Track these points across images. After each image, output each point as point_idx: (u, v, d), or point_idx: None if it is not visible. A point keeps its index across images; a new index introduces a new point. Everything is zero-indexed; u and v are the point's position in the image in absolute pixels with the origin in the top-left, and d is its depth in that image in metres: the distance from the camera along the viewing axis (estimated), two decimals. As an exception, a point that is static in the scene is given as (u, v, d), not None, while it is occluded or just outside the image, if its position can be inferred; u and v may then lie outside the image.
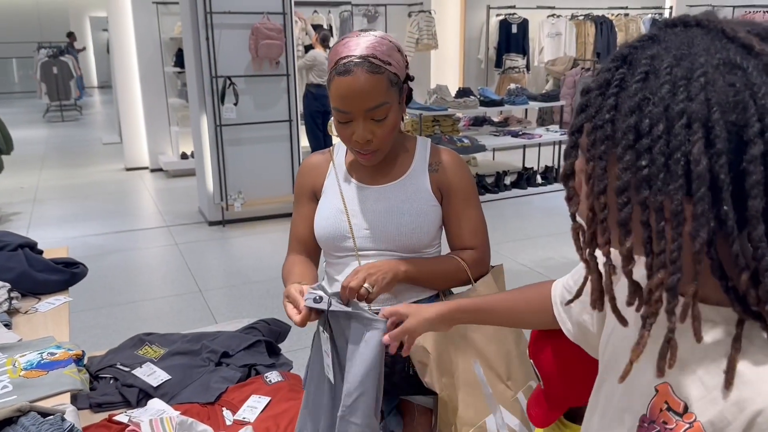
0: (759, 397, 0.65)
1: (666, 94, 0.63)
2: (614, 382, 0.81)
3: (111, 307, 4.12)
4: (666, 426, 0.72)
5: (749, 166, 0.60)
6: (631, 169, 0.65)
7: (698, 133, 0.61)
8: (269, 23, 5.41)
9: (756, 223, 0.62)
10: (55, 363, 1.63)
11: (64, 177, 8.03)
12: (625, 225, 0.67)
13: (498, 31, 9.08)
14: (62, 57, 13.73)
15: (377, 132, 1.37)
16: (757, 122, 0.60)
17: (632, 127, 0.65)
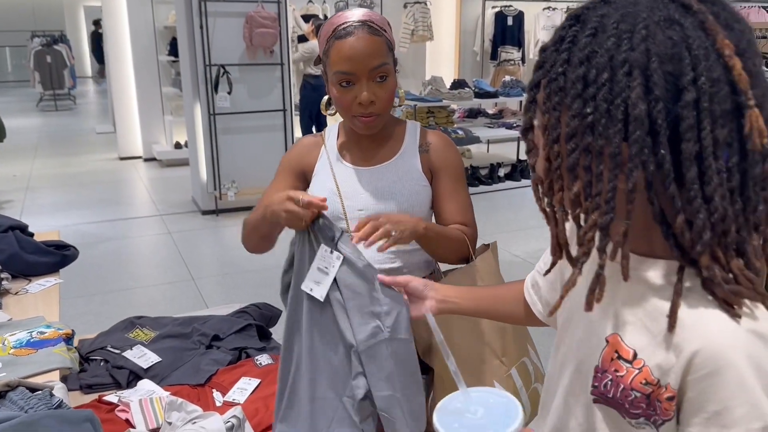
0: (696, 339, 0.70)
1: (611, 46, 0.68)
2: (571, 341, 0.87)
3: (103, 294, 4.12)
4: (617, 374, 0.77)
5: (683, 111, 0.66)
6: (578, 116, 0.70)
7: (637, 80, 0.67)
8: (264, 12, 5.39)
9: (689, 165, 0.67)
10: (44, 341, 1.63)
11: (58, 166, 8.00)
12: (573, 170, 0.72)
13: (493, 23, 9.07)
14: (56, 46, 13.66)
15: (379, 94, 1.39)
16: (691, 71, 0.66)
17: (580, 77, 0.70)
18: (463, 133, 6.52)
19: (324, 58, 1.42)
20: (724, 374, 0.68)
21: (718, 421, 0.69)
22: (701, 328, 0.71)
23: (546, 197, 0.78)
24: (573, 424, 0.86)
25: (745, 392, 0.68)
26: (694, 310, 0.72)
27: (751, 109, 0.67)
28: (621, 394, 0.76)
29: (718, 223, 0.69)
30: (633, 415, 0.76)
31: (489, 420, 0.75)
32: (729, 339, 0.69)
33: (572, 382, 0.86)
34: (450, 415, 0.76)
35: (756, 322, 0.70)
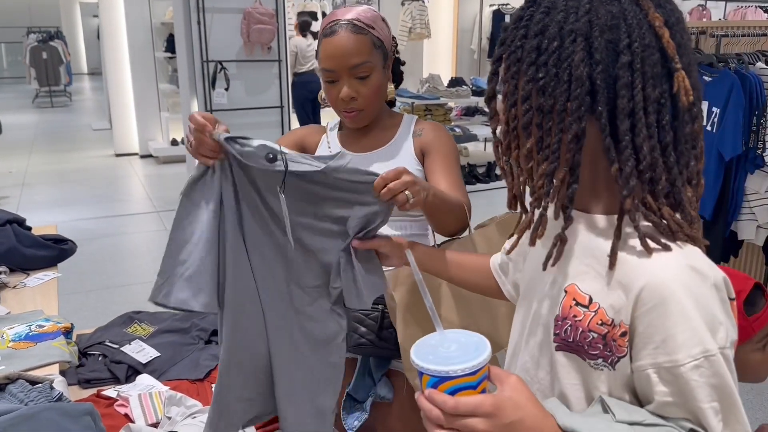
0: (641, 276, 0.78)
1: (560, 19, 0.80)
2: (531, 303, 0.96)
3: (100, 290, 4.10)
4: (576, 318, 0.84)
5: (619, 71, 0.78)
6: (532, 80, 0.82)
7: (580, 46, 0.78)
8: (261, 8, 5.37)
9: (622, 119, 0.78)
10: (43, 335, 1.62)
11: (54, 162, 7.97)
12: (527, 128, 0.84)
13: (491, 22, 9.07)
14: (52, 42, 13.61)
15: (361, 91, 1.42)
16: (626, 38, 0.78)
17: (534, 47, 0.81)
18: (461, 131, 6.52)
19: (317, 55, 1.46)
20: (667, 305, 0.76)
21: (664, 349, 0.77)
22: (645, 266, 0.79)
23: (504, 156, 0.88)
24: (542, 375, 0.92)
25: (687, 320, 0.75)
26: (638, 251, 0.80)
27: (678, 72, 0.78)
28: (580, 337, 0.84)
29: (646, 170, 0.79)
30: (591, 356, 0.83)
31: (460, 353, 0.81)
32: (670, 273, 0.77)
33: (539, 337, 0.93)
34: (426, 348, 0.83)
35: (689, 258, 0.79)
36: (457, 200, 1.40)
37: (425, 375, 0.80)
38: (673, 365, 0.76)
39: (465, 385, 0.78)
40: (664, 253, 0.79)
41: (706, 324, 0.76)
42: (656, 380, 0.78)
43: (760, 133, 2.91)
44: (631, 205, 0.80)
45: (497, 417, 0.75)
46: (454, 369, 0.77)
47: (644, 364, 0.78)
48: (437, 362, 0.79)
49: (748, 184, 3.01)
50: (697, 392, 0.76)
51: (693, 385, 0.75)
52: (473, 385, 0.78)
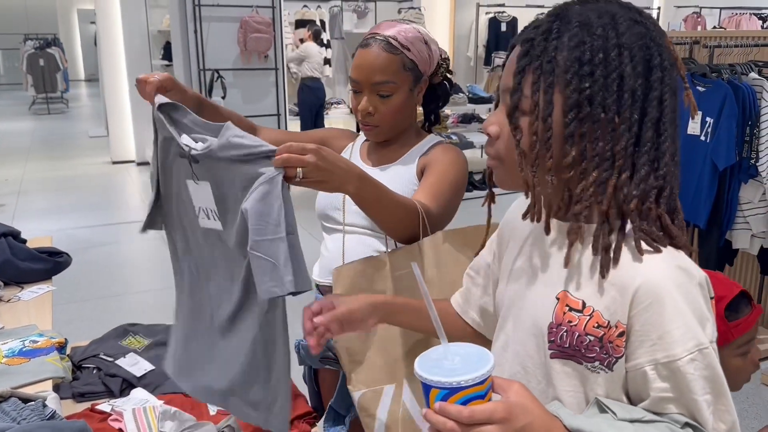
0: (637, 276, 0.82)
1: (601, 34, 0.84)
2: (517, 317, 0.97)
3: (95, 299, 4.09)
4: (571, 324, 0.87)
5: (654, 84, 0.84)
6: (577, 91, 0.83)
7: (627, 59, 0.83)
8: (258, 17, 5.39)
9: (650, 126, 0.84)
10: (37, 351, 1.62)
11: (50, 169, 7.97)
12: (570, 138, 0.85)
13: (487, 29, 9.10)
14: (49, 49, 13.61)
15: (380, 108, 1.42)
16: (658, 56, 0.84)
17: (576, 59, 0.83)
18: (457, 138, 6.54)
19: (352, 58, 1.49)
20: (662, 302, 0.80)
21: (661, 345, 0.81)
22: (639, 267, 0.83)
23: (532, 167, 0.87)
24: (533, 384, 0.93)
25: (681, 316, 0.80)
26: (632, 255, 0.84)
27: (688, 89, 0.87)
28: (576, 341, 0.87)
29: (661, 177, 0.85)
30: (589, 359, 0.86)
31: (464, 365, 0.82)
32: (663, 272, 0.82)
33: (529, 348, 0.94)
34: (430, 362, 0.84)
35: (677, 259, 0.84)
36: (408, 203, 1.30)
37: (434, 389, 0.80)
38: (670, 360, 0.80)
39: (475, 395, 0.79)
40: (654, 255, 0.83)
41: (697, 319, 0.81)
42: (654, 376, 0.81)
43: (753, 143, 2.93)
44: (636, 207, 0.84)
45: (510, 422, 0.78)
46: (465, 379, 0.79)
47: (641, 362, 0.82)
48: (444, 375, 0.80)
49: (741, 193, 3.02)
50: (692, 385, 0.80)
51: (689, 378, 0.80)
52: (482, 395, 0.80)
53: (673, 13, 9.99)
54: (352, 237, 1.48)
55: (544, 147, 0.85)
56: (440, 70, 1.52)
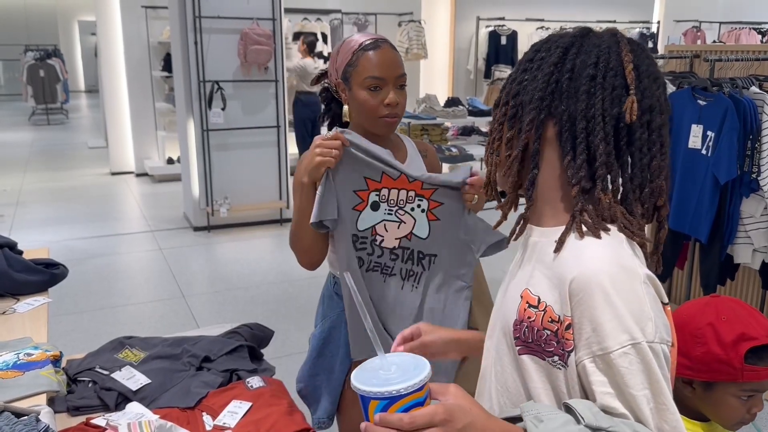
0: (573, 268, 0.86)
1: (552, 39, 0.97)
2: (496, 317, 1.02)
3: (93, 311, 4.07)
4: (530, 320, 0.91)
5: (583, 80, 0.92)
6: (516, 81, 0.96)
7: (556, 53, 0.94)
8: (258, 29, 5.40)
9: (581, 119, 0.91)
10: (31, 364, 1.60)
11: (49, 180, 7.95)
12: (511, 121, 0.97)
13: (487, 42, 9.12)
14: (49, 60, 13.64)
15: (401, 99, 1.61)
16: (595, 57, 0.92)
17: (528, 59, 0.97)
18: (457, 150, 6.53)
19: (348, 68, 1.59)
20: (593, 295, 0.83)
21: (595, 339, 0.83)
22: (577, 259, 0.86)
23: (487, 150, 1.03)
24: (509, 384, 0.96)
25: (612, 309, 0.82)
26: (576, 247, 0.88)
27: (630, 96, 0.90)
28: (536, 336, 0.89)
29: (601, 167, 0.90)
30: (549, 353, 0.88)
31: (400, 374, 0.83)
32: (597, 265, 0.84)
33: (504, 345, 0.98)
34: (366, 373, 0.85)
35: (622, 255, 0.86)
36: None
37: (372, 400, 0.81)
38: (604, 352, 0.82)
39: (414, 402, 0.80)
40: (597, 249, 0.86)
41: (632, 315, 0.82)
42: (593, 369, 0.83)
43: (755, 157, 2.92)
44: (576, 192, 0.90)
45: (452, 423, 0.79)
46: (405, 387, 0.79)
47: (582, 355, 0.84)
48: (382, 384, 0.80)
49: (743, 207, 3.00)
50: (627, 379, 0.81)
51: (623, 371, 0.81)
52: (421, 402, 0.81)
53: (673, 28, 10.03)
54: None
55: (497, 132, 1.00)
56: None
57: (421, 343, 1.17)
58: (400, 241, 1.62)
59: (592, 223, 0.89)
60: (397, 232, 1.61)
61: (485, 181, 1.04)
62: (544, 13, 9.43)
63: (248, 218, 5.91)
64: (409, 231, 1.61)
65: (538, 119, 0.92)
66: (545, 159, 0.95)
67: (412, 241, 1.62)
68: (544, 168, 0.95)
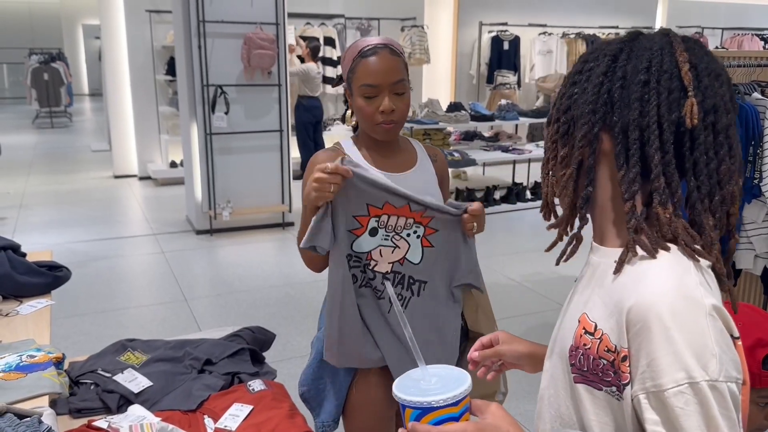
0: (631, 296, 0.80)
1: (598, 48, 0.91)
2: (555, 339, 0.97)
3: (95, 314, 4.07)
4: (585, 347, 0.86)
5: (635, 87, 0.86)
6: (568, 96, 0.91)
7: (605, 62, 0.89)
8: (262, 33, 5.42)
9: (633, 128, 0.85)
10: (34, 365, 1.60)
11: (52, 183, 7.97)
12: (563, 138, 0.93)
13: (490, 48, 9.14)
14: (53, 63, 13.68)
15: (398, 105, 1.59)
16: (646, 62, 0.86)
17: (576, 71, 0.92)
18: (459, 155, 6.54)
19: (349, 74, 1.61)
20: (650, 327, 0.76)
21: (650, 374, 0.77)
22: (636, 285, 0.81)
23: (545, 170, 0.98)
24: (563, 410, 0.93)
25: (669, 343, 0.75)
26: (636, 272, 0.82)
27: (690, 98, 0.83)
28: (592, 364, 0.85)
29: (656, 179, 0.83)
30: (606, 383, 0.83)
31: (440, 386, 0.82)
32: (658, 295, 0.78)
33: (558, 369, 0.94)
34: (408, 382, 0.85)
35: (686, 284, 0.79)
36: None
37: (408, 408, 0.81)
38: (657, 389, 0.76)
39: (448, 417, 0.80)
40: (657, 275, 0.80)
41: (693, 351, 0.75)
42: (646, 405, 0.77)
43: (757, 163, 2.92)
44: (629, 208, 0.84)
45: None
46: (436, 399, 0.79)
47: (636, 389, 0.79)
48: (419, 395, 0.81)
49: (745, 213, 3.00)
50: (682, 420, 0.74)
51: (678, 412, 0.74)
52: (455, 417, 0.81)
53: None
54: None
55: (551, 151, 0.94)
56: None
57: (495, 352, 1.17)
58: (392, 266, 1.62)
59: (649, 244, 0.83)
60: (391, 256, 1.61)
61: (542, 203, 1.00)
62: (546, 19, 9.45)
63: (251, 222, 5.92)
64: (402, 256, 1.61)
65: (591, 133, 0.87)
66: (603, 175, 0.89)
67: (404, 266, 1.62)
68: (602, 184, 0.89)
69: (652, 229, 0.85)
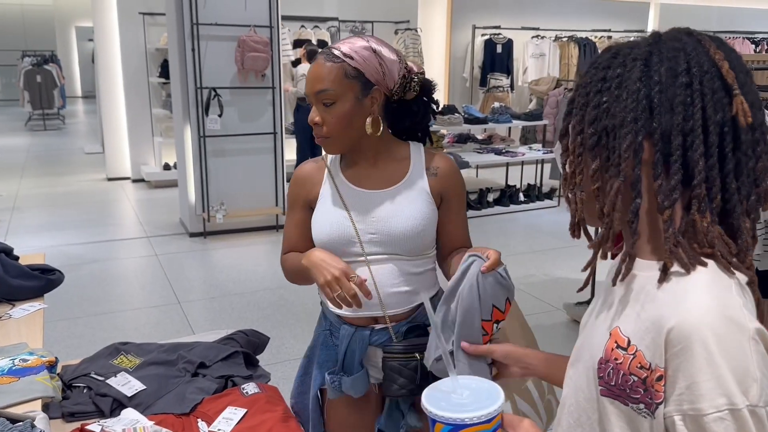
0: (673, 316, 0.77)
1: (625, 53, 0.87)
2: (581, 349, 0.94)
3: (88, 317, 4.06)
4: (617, 361, 0.83)
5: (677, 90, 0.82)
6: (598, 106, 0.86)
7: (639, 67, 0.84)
8: (256, 36, 5.42)
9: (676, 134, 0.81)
10: (27, 369, 1.60)
11: (45, 186, 7.95)
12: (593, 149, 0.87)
13: (483, 51, 9.17)
14: (46, 66, 13.64)
15: (326, 117, 1.44)
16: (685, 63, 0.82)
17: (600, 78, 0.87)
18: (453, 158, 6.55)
19: None
20: (693, 349, 0.74)
21: (688, 397, 0.74)
22: (678, 304, 0.77)
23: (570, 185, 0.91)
24: (584, 420, 0.91)
25: (712, 367, 0.73)
26: (676, 290, 0.79)
27: (737, 96, 0.81)
28: (622, 380, 0.82)
29: (699, 186, 0.80)
30: (634, 400, 0.81)
31: (472, 400, 0.80)
32: (701, 317, 0.75)
33: (582, 380, 0.91)
34: (438, 394, 0.83)
35: (726, 306, 0.76)
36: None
37: (438, 423, 0.79)
38: (696, 414, 0.74)
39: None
40: (700, 295, 0.77)
41: (735, 376, 0.73)
42: (681, 428, 0.75)
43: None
44: (667, 218, 0.81)
45: None
46: (470, 417, 0.77)
47: (671, 409, 0.76)
48: (451, 409, 0.78)
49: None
50: None
51: None
52: None
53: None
54: (377, 266, 1.51)
55: (578, 165, 0.89)
56: (411, 86, 1.50)
57: (488, 349, 1.21)
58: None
59: (687, 258, 0.80)
60: None
61: (572, 221, 0.94)
62: (539, 22, 9.49)
63: (244, 224, 5.92)
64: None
65: (636, 142, 0.82)
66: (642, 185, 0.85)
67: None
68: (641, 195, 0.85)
69: (689, 240, 0.82)
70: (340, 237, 1.50)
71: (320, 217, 1.55)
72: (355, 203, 1.52)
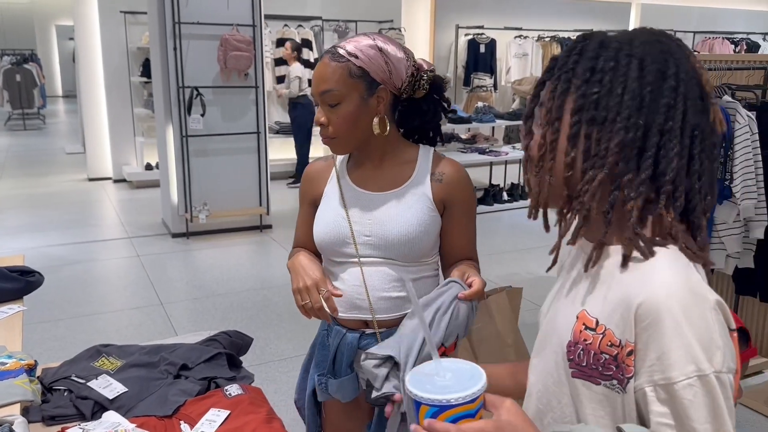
0: (640, 292, 0.81)
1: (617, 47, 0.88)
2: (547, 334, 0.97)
3: (69, 319, 4.02)
4: (586, 342, 0.87)
5: (665, 92, 0.85)
6: (584, 96, 0.87)
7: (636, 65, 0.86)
8: (238, 35, 5.39)
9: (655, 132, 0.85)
10: (5, 373, 1.58)
11: (25, 186, 7.85)
12: (574, 139, 0.88)
13: (466, 51, 9.18)
14: (26, 65, 13.48)
15: (331, 118, 1.43)
16: (674, 67, 0.86)
17: (589, 68, 0.88)
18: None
19: None
20: (662, 321, 0.78)
21: (659, 367, 0.79)
22: (645, 282, 0.82)
23: (536, 169, 0.92)
24: (553, 404, 0.93)
25: (680, 338, 0.78)
26: (642, 269, 0.84)
27: (714, 105, 0.88)
28: (593, 360, 0.86)
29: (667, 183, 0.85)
30: (607, 377, 0.84)
31: (455, 382, 0.82)
32: (668, 291, 0.80)
33: (550, 364, 0.94)
34: (421, 377, 0.84)
35: (691, 280, 0.82)
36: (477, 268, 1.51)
37: (423, 405, 0.80)
38: (667, 383, 0.78)
39: (464, 414, 0.80)
40: (664, 273, 0.82)
41: (701, 344, 0.78)
42: (653, 398, 0.79)
43: (728, 164, 2.97)
44: (631, 208, 0.85)
45: None
46: (455, 397, 0.79)
47: (641, 381, 0.80)
48: (435, 391, 0.80)
49: (716, 214, 3.05)
50: (690, 412, 0.77)
51: (686, 404, 0.77)
52: (472, 414, 0.80)
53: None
54: (370, 268, 1.49)
55: (550, 150, 0.90)
56: (420, 84, 1.48)
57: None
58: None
59: (645, 247, 0.85)
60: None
61: (532, 204, 0.95)
62: (522, 22, 9.52)
63: (227, 224, 5.89)
64: None
65: (627, 138, 0.85)
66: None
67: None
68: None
69: (654, 232, 0.87)
70: (336, 237, 1.50)
71: (320, 215, 1.55)
72: (354, 204, 1.51)
